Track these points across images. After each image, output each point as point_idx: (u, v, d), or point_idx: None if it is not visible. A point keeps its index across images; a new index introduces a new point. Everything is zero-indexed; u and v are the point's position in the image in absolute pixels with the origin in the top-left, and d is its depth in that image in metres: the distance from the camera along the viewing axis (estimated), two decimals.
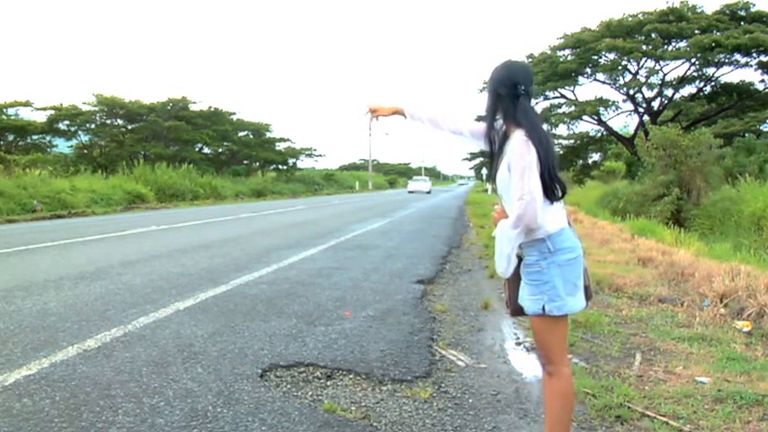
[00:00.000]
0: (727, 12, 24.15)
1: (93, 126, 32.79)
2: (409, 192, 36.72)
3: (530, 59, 27.26)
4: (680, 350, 3.95)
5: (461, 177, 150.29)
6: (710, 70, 25.18)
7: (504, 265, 2.23)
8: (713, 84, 26.02)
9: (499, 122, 2.29)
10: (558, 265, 2.17)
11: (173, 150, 33.51)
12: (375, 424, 2.78)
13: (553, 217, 2.17)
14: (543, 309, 2.17)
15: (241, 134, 41.38)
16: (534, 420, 2.86)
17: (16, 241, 9.58)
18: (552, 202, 2.17)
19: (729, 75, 25.60)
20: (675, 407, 2.97)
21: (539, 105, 27.12)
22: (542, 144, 2.13)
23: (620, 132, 31.33)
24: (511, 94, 2.21)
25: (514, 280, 2.29)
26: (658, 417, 2.84)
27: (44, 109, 30.37)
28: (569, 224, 2.25)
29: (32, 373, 3.32)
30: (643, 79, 26.09)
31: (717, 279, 5.40)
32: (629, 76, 26.36)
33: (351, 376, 3.40)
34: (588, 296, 2.30)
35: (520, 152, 2.11)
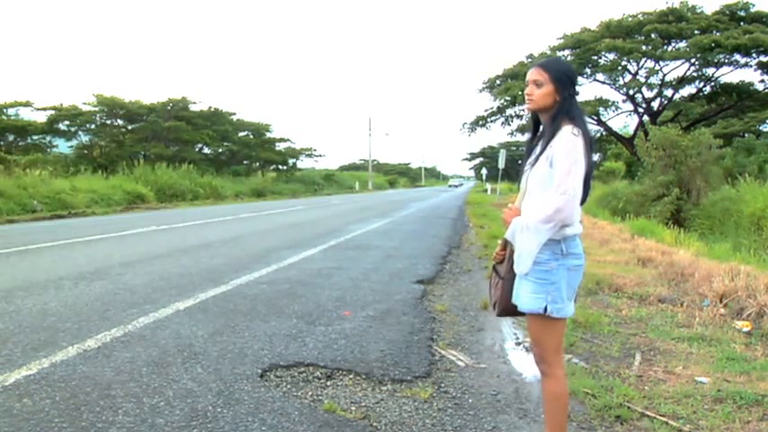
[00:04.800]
0: (727, 12, 24.16)
1: (93, 126, 32.77)
2: None
3: (529, 60, 27.28)
4: (680, 350, 3.96)
5: (458, 177, 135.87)
6: (710, 70, 25.20)
7: (528, 263, 2.15)
8: (713, 84, 26.04)
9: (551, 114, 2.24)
10: (566, 269, 2.17)
11: (173, 150, 33.49)
12: (375, 424, 2.78)
13: (576, 221, 2.18)
14: (545, 309, 2.15)
15: (241, 134, 41.36)
16: (534, 420, 2.86)
17: (16, 241, 9.58)
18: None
19: (729, 75, 25.65)
20: (675, 407, 2.98)
21: None
22: (589, 145, 2.15)
23: (620, 132, 31.34)
24: (572, 91, 2.23)
25: (509, 278, 2.28)
26: (658, 417, 2.84)
27: (44, 109, 30.38)
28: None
29: (32, 373, 3.32)
30: (643, 79, 26.09)
31: (716, 279, 5.40)
32: (628, 77, 26.37)
33: (351, 376, 3.40)
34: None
35: (570, 147, 2.10)
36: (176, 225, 12.93)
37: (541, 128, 2.32)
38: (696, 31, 23.61)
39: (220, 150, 40.93)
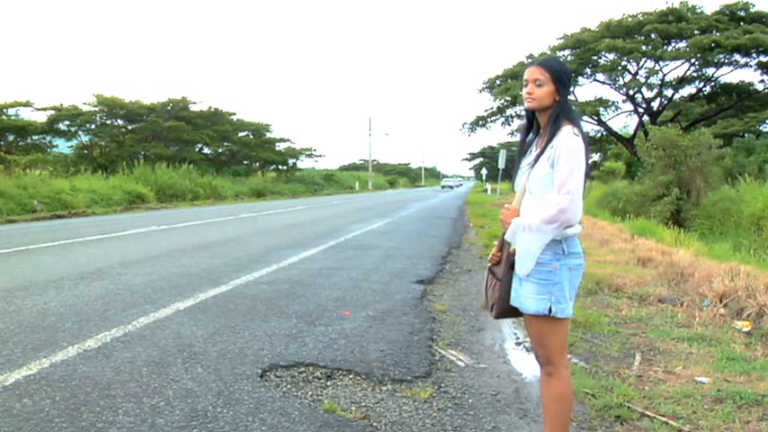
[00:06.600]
0: (727, 12, 24.18)
1: (93, 126, 32.80)
2: None
3: (529, 60, 27.28)
4: (680, 350, 3.96)
5: (456, 176, 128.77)
6: (710, 70, 25.22)
7: (530, 265, 2.13)
8: (713, 84, 26.06)
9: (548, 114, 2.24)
10: (568, 269, 2.16)
11: (173, 151, 33.51)
12: (375, 424, 2.78)
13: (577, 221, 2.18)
14: (550, 310, 2.14)
15: (241, 134, 41.37)
16: (534, 420, 2.86)
17: (16, 241, 9.58)
18: None
19: (729, 75, 25.70)
20: (675, 407, 2.97)
21: None
22: (586, 145, 2.16)
23: (620, 133, 31.37)
24: (569, 92, 2.27)
25: (507, 280, 2.27)
26: (658, 417, 2.84)
27: (44, 109, 30.40)
28: None
29: (32, 373, 3.32)
30: (643, 79, 26.11)
31: (716, 279, 5.41)
32: (628, 77, 26.39)
33: (351, 376, 3.40)
34: None
35: (572, 147, 2.10)
36: (176, 225, 12.94)
37: (535, 128, 2.33)
38: (696, 31, 23.63)
39: (220, 150, 40.94)
